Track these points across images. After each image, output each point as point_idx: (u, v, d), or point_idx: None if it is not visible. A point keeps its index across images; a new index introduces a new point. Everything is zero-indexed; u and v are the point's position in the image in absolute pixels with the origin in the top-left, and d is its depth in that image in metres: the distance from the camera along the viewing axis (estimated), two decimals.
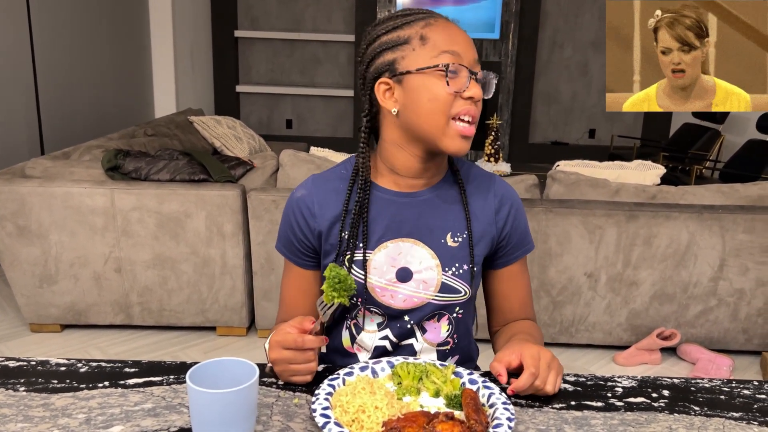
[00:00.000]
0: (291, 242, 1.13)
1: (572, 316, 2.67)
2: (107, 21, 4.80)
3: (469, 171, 1.14)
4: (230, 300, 2.69)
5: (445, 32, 1.00)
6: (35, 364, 0.98)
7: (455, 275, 1.09)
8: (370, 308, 1.11)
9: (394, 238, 1.08)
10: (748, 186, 2.64)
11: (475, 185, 1.12)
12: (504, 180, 1.16)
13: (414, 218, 1.08)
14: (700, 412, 0.91)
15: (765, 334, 2.65)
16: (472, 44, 1.02)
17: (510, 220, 1.13)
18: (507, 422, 0.83)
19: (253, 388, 0.76)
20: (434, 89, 0.98)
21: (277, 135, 6.63)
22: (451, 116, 0.99)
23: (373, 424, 0.82)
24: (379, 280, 1.08)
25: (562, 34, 6.50)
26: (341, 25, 6.51)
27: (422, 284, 1.08)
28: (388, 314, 1.11)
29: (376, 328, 1.13)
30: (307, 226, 1.10)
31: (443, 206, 1.10)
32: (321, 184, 1.11)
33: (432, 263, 1.08)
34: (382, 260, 1.08)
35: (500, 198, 1.12)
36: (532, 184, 2.66)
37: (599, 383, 0.98)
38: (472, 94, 0.98)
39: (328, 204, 1.09)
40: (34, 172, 2.62)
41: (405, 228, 1.08)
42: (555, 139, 6.77)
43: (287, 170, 2.66)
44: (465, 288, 1.10)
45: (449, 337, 1.14)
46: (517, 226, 1.14)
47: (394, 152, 1.07)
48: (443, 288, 1.09)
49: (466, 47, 1.00)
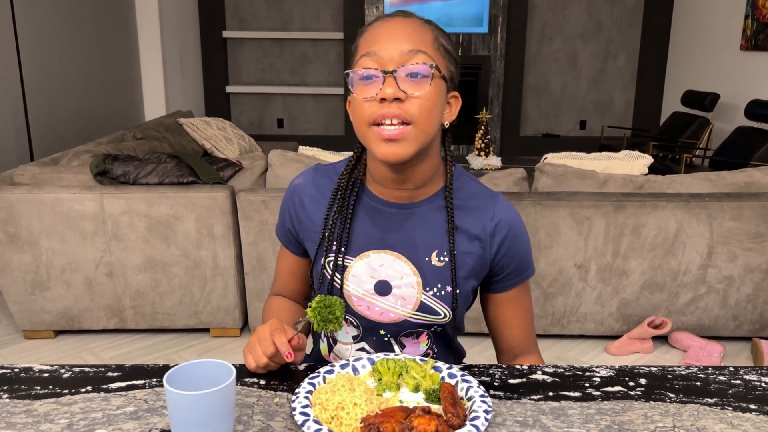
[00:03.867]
0: (283, 227, 1.14)
1: (564, 308, 2.69)
2: (94, 25, 4.79)
3: (470, 188, 1.07)
4: (223, 301, 2.70)
5: (371, 34, 0.95)
6: (18, 371, 0.98)
7: (436, 296, 1.04)
8: (345, 317, 1.09)
9: (378, 249, 1.05)
10: (735, 173, 2.66)
11: (473, 204, 1.05)
12: (507, 202, 1.07)
13: (400, 231, 1.04)
14: (675, 399, 0.92)
15: (755, 320, 2.67)
16: (400, 38, 0.93)
17: (506, 246, 1.05)
18: (484, 414, 0.84)
19: (229, 388, 0.77)
20: (354, 97, 0.95)
21: (268, 135, 6.64)
22: (370, 122, 0.93)
23: (352, 421, 0.83)
24: (357, 289, 1.06)
25: (550, 26, 6.51)
26: (330, 23, 6.52)
27: (400, 300, 1.05)
28: (363, 326, 1.09)
29: (351, 340, 1.11)
30: (296, 214, 1.10)
31: (433, 222, 1.04)
32: (319, 177, 1.10)
33: (413, 280, 1.04)
34: (363, 269, 1.05)
35: (498, 222, 1.04)
36: (520, 177, 2.67)
37: (577, 373, 0.99)
38: (382, 95, 0.91)
39: (319, 198, 1.08)
40: (23, 179, 2.62)
41: (390, 239, 1.04)
42: (546, 132, 6.79)
43: (276, 170, 2.66)
44: (445, 310, 1.05)
45: (429, 349, 1.12)
46: (516, 253, 1.07)
47: (371, 159, 1.04)
48: (422, 307, 1.04)
49: (387, 43, 0.92)
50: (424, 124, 0.93)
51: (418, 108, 0.92)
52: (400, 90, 0.91)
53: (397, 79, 0.91)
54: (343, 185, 1.05)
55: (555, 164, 2.71)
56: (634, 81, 6.63)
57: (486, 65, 6.39)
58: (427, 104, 0.93)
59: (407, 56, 0.92)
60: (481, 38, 6.32)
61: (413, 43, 0.93)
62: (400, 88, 0.91)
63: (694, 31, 5.90)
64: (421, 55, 0.93)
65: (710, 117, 5.08)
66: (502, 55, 6.36)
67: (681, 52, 6.16)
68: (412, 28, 0.95)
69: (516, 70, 6.51)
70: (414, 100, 0.92)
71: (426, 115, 0.93)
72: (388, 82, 0.91)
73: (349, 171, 1.06)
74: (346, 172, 1.06)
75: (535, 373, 1.00)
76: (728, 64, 5.25)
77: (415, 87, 0.92)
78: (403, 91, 0.91)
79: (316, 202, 1.08)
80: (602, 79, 6.66)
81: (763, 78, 4.78)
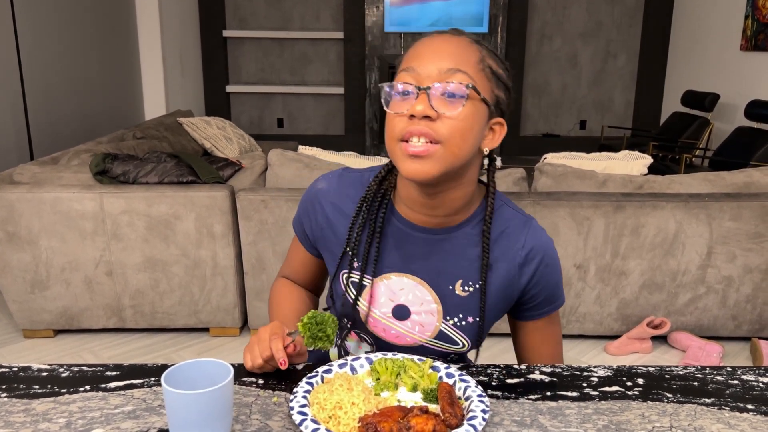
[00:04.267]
0: (301, 226, 1.12)
1: (563, 308, 2.69)
2: (94, 24, 4.80)
3: (502, 214, 1.02)
4: (222, 301, 2.70)
5: (416, 49, 0.93)
6: (17, 370, 0.99)
7: (456, 326, 1.02)
8: (359, 333, 1.09)
9: (400, 272, 1.02)
10: (735, 173, 2.66)
11: (504, 231, 1.01)
12: (540, 228, 1.03)
13: (425, 256, 1.01)
14: (673, 399, 0.92)
15: (754, 320, 2.67)
16: (441, 55, 0.90)
17: (538, 276, 1.02)
18: (482, 414, 0.84)
19: (227, 388, 0.77)
20: (388, 112, 0.92)
21: (268, 134, 6.65)
22: (398, 138, 0.90)
23: (349, 420, 0.84)
24: (374, 310, 1.04)
25: (550, 26, 6.51)
26: (330, 22, 6.52)
27: (418, 326, 1.03)
28: (378, 345, 1.08)
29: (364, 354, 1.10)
30: (317, 221, 1.08)
31: (460, 250, 1.00)
32: (344, 185, 1.06)
33: (433, 308, 1.02)
34: (382, 291, 1.03)
35: (529, 250, 1.01)
36: (520, 177, 2.67)
37: (575, 373, 0.99)
38: (411, 111, 0.87)
39: (342, 208, 1.05)
40: (23, 178, 2.63)
41: (413, 265, 1.01)
42: (546, 132, 6.79)
43: (276, 170, 2.67)
44: (464, 341, 1.03)
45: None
46: (547, 283, 1.04)
47: (400, 179, 1.01)
48: (440, 336, 1.03)
49: (428, 59, 0.90)
50: (453, 146, 0.89)
51: (448, 128, 0.88)
52: (432, 108, 0.87)
53: (431, 97, 0.88)
54: (369, 199, 1.01)
55: (555, 164, 2.71)
56: (634, 81, 6.63)
57: None
58: (460, 125, 0.88)
59: (445, 74, 0.88)
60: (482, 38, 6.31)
61: (454, 62, 0.89)
62: (432, 106, 0.87)
63: (694, 31, 5.90)
64: (459, 75, 0.89)
65: (710, 117, 5.08)
66: (502, 55, 6.35)
67: (681, 52, 6.16)
68: (457, 46, 0.91)
69: (516, 70, 6.51)
70: (446, 120, 0.88)
71: (457, 136, 0.89)
72: (420, 99, 0.87)
73: (378, 183, 1.02)
74: (375, 184, 1.02)
75: (532, 373, 1.00)
76: (728, 64, 5.25)
77: (448, 107, 0.88)
78: (435, 110, 0.88)
79: (340, 213, 1.05)
80: (602, 79, 6.66)
81: (763, 78, 4.78)
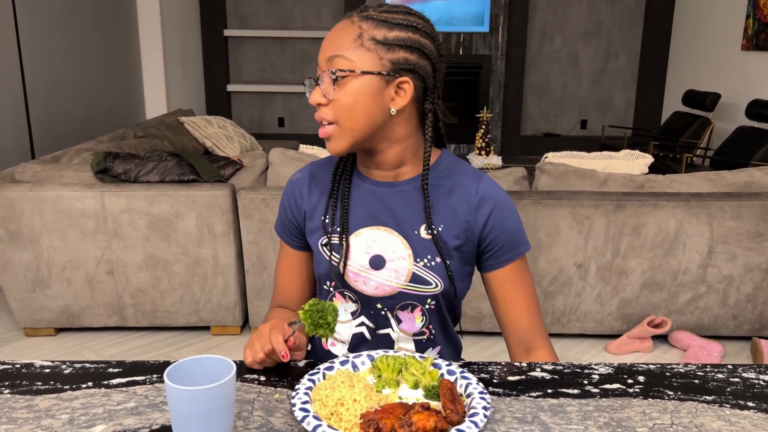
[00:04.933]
0: (285, 223, 1.20)
1: (563, 307, 2.69)
2: (95, 23, 4.80)
3: (457, 168, 1.14)
4: (223, 299, 2.71)
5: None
6: (20, 366, 0.99)
7: (426, 267, 1.09)
8: (343, 292, 1.13)
9: (370, 225, 1.11)
10: (735, 173, 2.66)
11: (457, 180, 1.12)
12: (492, 181, 1.13)
13: (389, 208, 1.11)
14: (674, 396, 0.92)
15: (754, 319, 2.68)
16: (326, 44, 1.02)
17: (493, 219, 1.10)
18: (483, 411, 0.84)
19: (229, 384, 0.77)
20: None
21: (269, 134, 6.65)
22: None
23: (351, 417, 0.84)
24: (353, 265, 1.11)
25: (551, 26, 6.51)
26: (330, 21, 6.51)
27: (394, 273, 1.10)
28: (360, 300, 1.13)
29: (350, 317, 1.15)
30: (297, 206, 1.17)
31: (418, 199, 1.10)
32: (315, 170, 1.18)
33: (404, 253, 1.10)
34: (358, 246, 1.11)
35: (482, 195, 1.10)
36: (521, 177, 2.67)
37: (576, 371, 0.99)
38: (311, 102, 1.03)
39: (317, 188, 1.16)
40: (24, 177, 2.63)
41: (381, 217, 1.11)
42: (547, 131, 6.79)
43: (277, 169, 2.67)
44: (436, 281, 1.10)
45: (424, 328, 1.15)
46: (504, 227, 1.11)
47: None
48: (414, 278, 1.10)
49: (321, 50, 1.03)
50: (346, 122, 1.01)
51: (335, 109, 1.01)
52: (322, 95, 1.01)
53: (321, 84, 1.01)
54: (340, 170, 1.14)
55: (555, 163, 2.72)
56: (635, 80, 6.63)
57: (487, 64, 6.39)
58: (344, 104, 1.00)
59: (327, 63, 1.01)
60: (482, 37, 6.32)
61: (333, 48, 1.01)
62: (322, 94, 1.01)
63: (695, 30, 5.90)
64: (337, 60, 1.00)
65: (711, 117, 5.08)
66: (503, 55, 6.36)
67: (682, 52, 6.16)
68: (337, 31, 1.02)
69: (517, 70, 6.51)
70: (334, 102, 1.01)
71: (344, 114, 1.01)
72: (315, 89, 1.02)
73: (341, 161, 1.15)
74: (340, 161, 1.15)
75: (534, 370, 1.00)
76: (729, 63, 5.25)
77: (333, 91, 1.00)
78: (324, 95, 1.01)
79: (314, 191, 1.16)
80: (603, 79, 6.66)
81: (764, 78, 4.78)
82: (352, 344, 1.17)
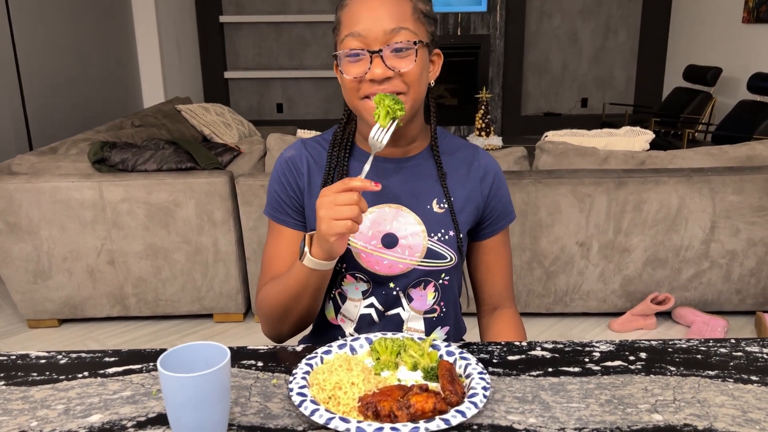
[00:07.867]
0: (280, 203, 1.12)
1: (566, 286, 2.68)
2: (90, 13, 4.76)
3: (452, 142, 1.15)
4: (225, 287, 2.70)
5: (352, 10, 0.99)
6: (15, 357, 0.98)
7: (441, 241, 1.09)
8: (354, 274, 1.10)
9: (380, 204, 1.09)
10: (737, 147, 2.63)
11: (459, 155, 1.14)
12: (486, 151, 1.18)
13: (400, 184, 1.09)
14: (676, 372, 0.91)
15: (758, 294, 2.66)
16: (381, 16, 0.96)
17: (494, 189, 1.14)
18: (482, 391, 0.83)
19: (224, 370, 0.76)
20: (343, 76, 1.01)
21: (268, 120, 6.62)
22: (361, 97, 1.00)
23: (349, 401, 0.83)
24: (364, 245, 1.08)
25: (550, 3, 6.44)
26: (327, 4, 6.46)
27: (408, 250, 1.08)
28: (373, 280, 1.11)
29: (360, 296, 1.12)
30: (296, 183, 1.11)
31: (428, 173, 1.11)
32: (310, 146, 1.14)
33: (418, 229, 1.09)
34: (368, 225, 1.08)
35: (484, 167, 1.14)
36: (521, 156, 2.65)
37: (577, 349, 0.98)
38: (371, 75, 0.97)
39: (314, 165, 1.12)
40: (21, 168, 2.62)
41: (390, 193, 1.09)
42: (547, 110, 6.75)
43: (274, 154, 2.65)
44: (451, 254, 1.10)
45: (435, 305, 1.14)
46: (501, 196, 1.16)
47: (361, 121, 1.09)
48: (429, 254, 1.09)
49: (370, 23, 0.97)
50: (414, 92, 1.00)
51: (408, 80, 0.99)
52: (388, 69, 0.97)
53: (384, 58, 0.97)
54: (338, 144, 1.11)
55: (555, 142, 2.69)
56: (635, 57, 6.57)
57: (485, 44, 6.33)
58: (416, 74, 0.99)
59: (390, 35, 0.97)
60: (480, 17, 6.25)
61: (395, 20, 0.97)
62: (387, 66, 0.97)
63: (695, 4, 5.82)
64: (403, 32, 0.97)
65: (712, 91, 5.03)
66: (501, 34, 6.30)
67: (682, 27, 6.09)
68: (393, 4, 0.98)
69: (516, 49, 6.45)
70: (404, 73, 0.98)
71: (415, 83, 1.00)
72: (375, 63, 0.97)
73: (342, 128, 1.12)
74: (339, 130, 1.12)
75: (534, 349, 0.99)
76: (730, 37, 5.19)
77: (401, 63, 0.98)
78: (391, 69, 0.97)
79: (314, 168, 1.11)
80: (603, 56, 6.59)
81: (765, 51, 4.73)
82: (359, 325, 1.14)
